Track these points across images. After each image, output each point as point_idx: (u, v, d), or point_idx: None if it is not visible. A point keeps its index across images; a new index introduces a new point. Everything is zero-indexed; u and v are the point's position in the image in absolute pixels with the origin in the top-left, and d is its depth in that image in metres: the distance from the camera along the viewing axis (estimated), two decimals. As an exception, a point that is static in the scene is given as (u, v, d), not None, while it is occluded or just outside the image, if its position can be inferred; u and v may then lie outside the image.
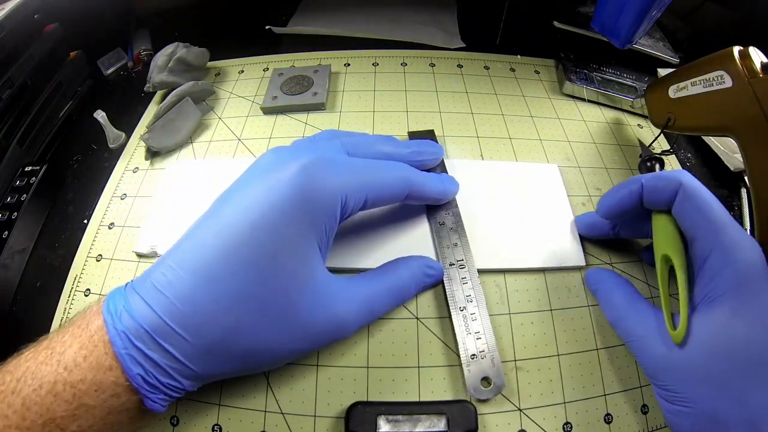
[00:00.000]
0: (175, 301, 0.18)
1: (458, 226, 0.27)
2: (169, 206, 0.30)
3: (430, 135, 0.33)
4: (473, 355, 0.23)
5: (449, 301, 0.25)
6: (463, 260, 0.26)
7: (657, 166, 0.30)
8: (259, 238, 0.19)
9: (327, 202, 0.21)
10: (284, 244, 0.20)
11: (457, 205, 0.28)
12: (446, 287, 0.25)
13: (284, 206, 0.20)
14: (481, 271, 0.26)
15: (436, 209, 0.28)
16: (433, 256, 0.27)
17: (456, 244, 0.26)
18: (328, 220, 0.21)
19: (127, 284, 0.20)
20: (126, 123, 0.38)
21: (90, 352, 0.18)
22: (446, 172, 0.30)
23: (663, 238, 0.23)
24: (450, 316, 0.25)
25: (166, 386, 0.18)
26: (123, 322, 0.18)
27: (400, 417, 0.22)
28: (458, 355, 0.24)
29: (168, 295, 0.18)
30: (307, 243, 0.21)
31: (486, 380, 0.23)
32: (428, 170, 0.28)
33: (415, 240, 0.27)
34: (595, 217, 0.27)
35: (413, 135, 0.33)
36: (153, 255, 0.28)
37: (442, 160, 0.30)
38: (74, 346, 0.18)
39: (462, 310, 0.24)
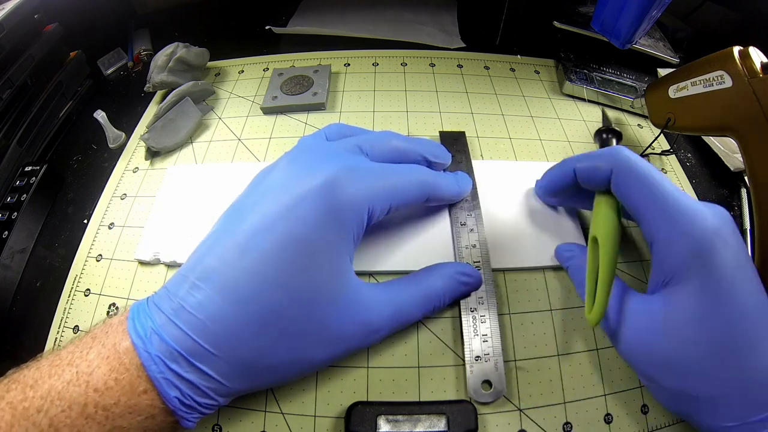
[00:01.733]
0: (207, 322, 0.18)
1: (478, 227, 0.27)
2: (169, 212, 0.30)
3: (460, 136, 0.32)
4: (477, 356, 0.23)
5: (461, 301, 0.25)
6: (479, 262, 0.26)
7: (614, 140, 0.29)
8: (287, 257, 0.19)
9: (354, 213, 0.20)
10: (314, 261, 0.19)
11: (479, 206, 0.28)
12: None
13: (312, 222, 0.19)
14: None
15: (458, 209, 0.28)
16: (451, 255, 0.27)
17: (474, 246, 0.26)
18: (357, 230, 0.21)
19: (147, 299, 0.20)
20: (126, 123, 0.38)
21: (121, 375, 0.17)
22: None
23: (596, 219, 0.23)
24: (459, 316, 0.24)
25: (202, 405, 0.18)
26: (155, 345, 0.18)
27: (400, 417, 0.22)
28: (458, 355, 0.24)
29: (199, 316, 0.18)
30: (338, 256, 0.20)
31: (487, 383, 0.23)
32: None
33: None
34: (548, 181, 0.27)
35: (444, 135, 0.32)
36: (156, 262, 0.28)
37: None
38: (102, 367, 0.17)
39: (472, 311, 0.24)
